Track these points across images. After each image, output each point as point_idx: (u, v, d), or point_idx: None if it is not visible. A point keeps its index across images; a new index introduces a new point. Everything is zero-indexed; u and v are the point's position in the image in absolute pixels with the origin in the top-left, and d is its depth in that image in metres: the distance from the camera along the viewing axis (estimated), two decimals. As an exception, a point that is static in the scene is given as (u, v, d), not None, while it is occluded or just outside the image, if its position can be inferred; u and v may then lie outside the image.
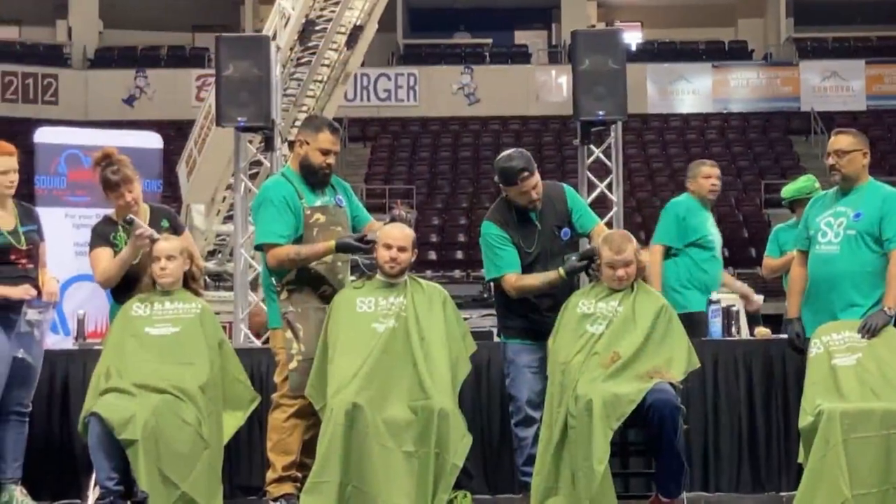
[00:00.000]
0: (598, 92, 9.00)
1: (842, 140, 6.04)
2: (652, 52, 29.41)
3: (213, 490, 5.63)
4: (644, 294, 5.84)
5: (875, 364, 5.62)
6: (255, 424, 6.22)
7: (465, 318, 6.18)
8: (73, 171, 9.23)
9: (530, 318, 6.06)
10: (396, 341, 5.72)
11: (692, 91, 28.38)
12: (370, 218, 6.36)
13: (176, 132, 20.78)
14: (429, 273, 18.52)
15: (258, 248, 6.10)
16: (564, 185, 6.28)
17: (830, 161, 6.04)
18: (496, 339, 6.72)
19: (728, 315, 7.13)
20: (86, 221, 7.39)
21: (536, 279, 5.96)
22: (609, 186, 9.50)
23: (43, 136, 9.50)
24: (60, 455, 6.66)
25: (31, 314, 6.09)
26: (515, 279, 5.99)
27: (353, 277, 6.08)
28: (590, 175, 9.45)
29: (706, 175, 7.72)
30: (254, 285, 9.30)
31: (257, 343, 9.02)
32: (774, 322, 7.67)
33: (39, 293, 6.13)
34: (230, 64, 9.30)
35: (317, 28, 12.65)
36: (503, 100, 27.74)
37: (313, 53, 12.91)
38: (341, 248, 5.89)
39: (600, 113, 9.07)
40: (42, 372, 6.36)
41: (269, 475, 5.96)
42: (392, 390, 5.61)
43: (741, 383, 6.78)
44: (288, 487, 5.91)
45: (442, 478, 5.46)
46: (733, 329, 7.21)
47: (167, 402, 5.60)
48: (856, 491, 5.28)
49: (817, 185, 7.92)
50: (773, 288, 9.76)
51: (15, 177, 6.17)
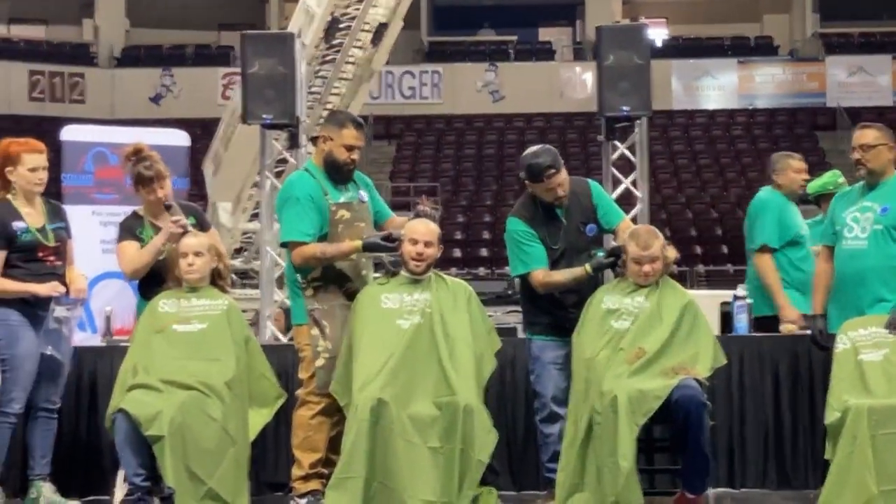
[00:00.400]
0: (623, 88, 8.96)
1: (867, 134, 6.01)
2: (677, 48, 29.33)
3: (239, 486, 5.65)
4: (670, 290, 5.83)
5: (902, 360, 5.59)
6: (282, 421, 6.23)
7: (490, 315, 6.17)
8: (99, 169, 9.24)
9: (555, 314, 6.05)
10: (421, 338, 5.71)
11: (717, 87, 28.30)
12: (391, 213, 6.35)
13: (202, 130, 20.83)
14: (454, 270, 18.50)
15: (283, 245, 6.10)
16: (590, 181, 6.27)
17: (856, 155, 6.01)
18: (521, 335, 6.71)
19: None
20: (113, 219, 7.41)
21: (563, 275, 5.95)
22: (634, 183, 9.46)
23: (70, 134, 9.52)
24: (88, 451, 6.68)
25: (59, 311, 6.11)
26: (543, 275, 5.98)
27: (377, 275, 6.08)
28: (614, 171, 9.41)
29: (797, 169, 7.40)
30: (280, 283, 9.30)
31: (283, 340, 9.03)
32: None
33: (67, 290, 6.16)
34: (256, 62, 9.31)
35: (342, 26, 12.68)
36: (528, 97, 27.70)
37: (338, 51, 12.94)
38: (368, 247, 5.88)
39: (625, 109, 9.03)
40: (70, 369, 6.38)
41: (296, 472, 5.97)
42: (417, 386, 5.60)
43: (767, 379, 6.75)
44: (314, 484, 5.92)
45: (467, 474, 5.46)
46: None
47: (194, 398, 5.61)
48: (883, 487, 5.25)
49: (842, 179, 7.86)
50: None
51: (44, 174, 6.19)
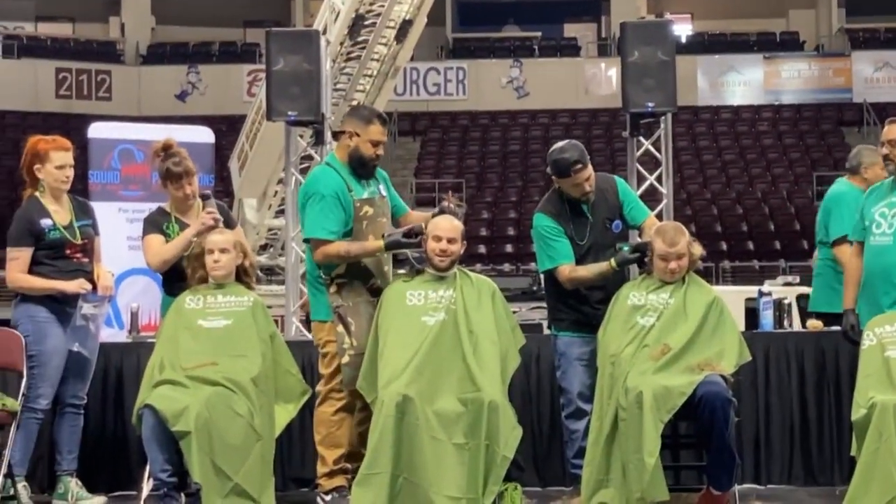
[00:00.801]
0: (648, 84, 8.96)
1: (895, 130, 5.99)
2: (702, 44, 29.26)
3: (265, 482, 5.66)
4: (695, 286, 5.82)
5: (929, 356, 5.57)
6: (308, 417, 6.24)
7: (515, 311, 6.17)
8: (126, 166, 9.28)
9: (581, 310, 6.05)
10: (446, 334, 5.71)
11: (743, 83, 28.23)
12: (407, 208, 6.36)
13: (228, 127, 20.92)
14: (478, 266, 18.53)
15: (306, 241, 6.08)
16: (616, 177, 6.27)
17: (885, 151, 5.99)
18: (545, 331, 6.70)
19: (780, 307, 7.07)
20: (139, 216, 7.42)
21: (589, 270, 5.95)
22: (659, 179, 9.45)
23: (96, 131, 9.56)
24: (115, 447, 6.71)
25: (86, 308, 6.15)
26: (570, 270, 5.97)
27: (402, 271, 6.08)
28: (639, 167, 9.41)
29: (883, 167, 6.80)
30: (305, 279, 9.33)
31: (308, 336, 9.04)
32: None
33: (94, 287, 6.19)
34: (281, 59, 9.34)
35: (366, 22, 12.70)
36: (552, 93, 27.69)
37: (363, 48, 12.97)
38: (391, 246, 5.88)
39: (650, 105, 9.02)
40: (97, 365, 6.42)
41: (320, 469, 5.99)
42: (442, 383, 5.60)
43: (793, 376, 6.73)
44: (339, 480, 5.93)
45: (492, 470, 5.45)
46: (785, 321, 7.15)
47: (220, 394, 5.61)
48: (909, 483, 5.23)
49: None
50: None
51: (70, 172, 6.22)
